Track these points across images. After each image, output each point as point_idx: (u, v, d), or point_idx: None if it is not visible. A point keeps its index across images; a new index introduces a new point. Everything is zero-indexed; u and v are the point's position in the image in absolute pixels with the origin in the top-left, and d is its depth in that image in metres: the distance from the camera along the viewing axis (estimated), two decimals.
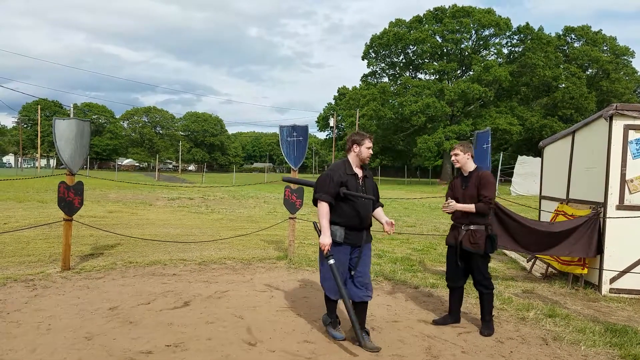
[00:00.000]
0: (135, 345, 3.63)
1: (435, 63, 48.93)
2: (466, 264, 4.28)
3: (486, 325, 4.20)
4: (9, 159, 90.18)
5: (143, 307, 4.59)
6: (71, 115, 50.18)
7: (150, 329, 4.01)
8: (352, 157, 3.90)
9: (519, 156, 29.69)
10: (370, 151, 3.91)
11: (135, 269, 6.25)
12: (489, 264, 4.36)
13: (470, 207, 4.13)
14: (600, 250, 5.65)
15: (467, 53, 48.47)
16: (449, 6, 48.73)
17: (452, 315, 4.35)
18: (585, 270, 5.81)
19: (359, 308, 3.81)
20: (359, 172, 3.90)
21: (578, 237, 5.70)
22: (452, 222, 4.38)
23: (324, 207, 3.73)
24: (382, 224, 3.94)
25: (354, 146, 3.87)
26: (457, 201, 4.23)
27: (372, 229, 4.04)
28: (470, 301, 5.11)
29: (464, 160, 4.25)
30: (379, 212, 4.07)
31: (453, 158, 4.30)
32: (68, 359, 3.34)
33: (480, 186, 4.14)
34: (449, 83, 47.26)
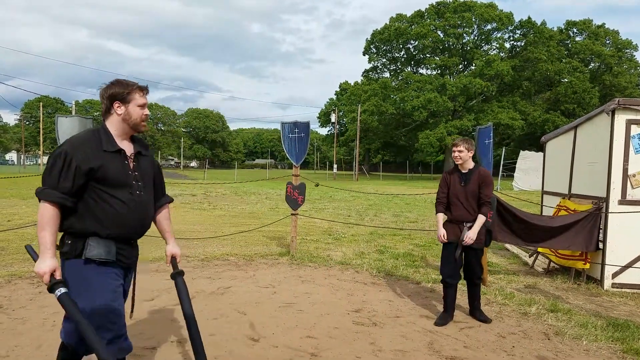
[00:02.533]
0: (139, 342, 3.65)
1: (436, 58, 48.82)
2: (465, 256, 4.33)
3: (481, 312, 4.40)
4: (12, 156, 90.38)
5: (146, 304, 4.62)
6: (73, 112, 50.23)
7: (153, 325, 4.04)
8: (113, 123, 2.37)
9: (521, 151, 29.63)
10: (146, 111, 2.43)
11: (138, 266, 6.27)
12: (493, 260, 4.38)
13: (481, 220, 4.18)
14: (598, 245, 5.66)
15: (468, 47, 48.32)
16: (451, 0, 48.53)
17: (450, 313, 4.36)
18: (587, 265, 5.82)
19: None
20: (128, 148, 2.41)
21: (578, 231, 5.71)
22: (448, 218, 4.39)
23: (46, 211, 2.19)
24: (166, 248, 2.76)
25: (116, 105, 2.36)
26: (458, 198, 4.24)
27: (377, 223, 4.02)
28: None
29: (467, 157, 4.25)
30: (163, 217, 2.68)
31: (456, 154, 4.25)
32: None
33: (483, 185, 4.18)
34: (450, 78, 47.12)
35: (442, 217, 4.42)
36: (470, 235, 4.13)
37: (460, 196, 4.23)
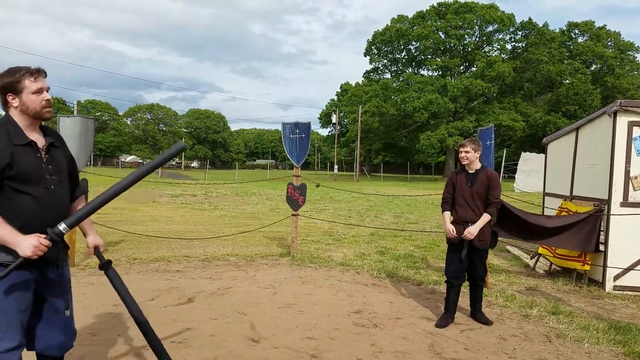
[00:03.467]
0: (139, 341, 3.64)
1: (438, 59, 48.83)
2: (469, 257, 4.32)
3: (482, 314, 4.39)
4: None
5: (147, 304, 4.61)
6: (75, 113, 50.28)
7: (154, 325, 4.01)
8: (15, 115, 2.20)
9: (522, 152, 29.59)
10: (46, 96, 2.22)
11: (139, 266, 6.28)
12: (494, 262, 4.38)
13: (486, 219, 4.18)
14: (598, 246, 5.65)
15: (470, 49, 48.32)
16: (452, 2, 48.55)
17: (451, 314, 4.35)
18: (587, 267, 5.81)
19: None
20: (39, 139, 2.26)
21: (577, 231, 5.71)
22: (454, 218, 4.39)
23: None
24: (87, 240, 2.55)
25: (9, 97, 2.17)
26: (464, 198, 4.23)
27: (378, 224, 4.01)
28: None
29: (474, 158, 4.25)
30: (80, 209, 2.28)
31: (463, 154, 4.26)
32: (74, 354, 3.35)
33: (491, 186, 4.19)
34: (451, 79, 47.12)
35: (448, 215, 4.41)
36: (472, 230, 4.11)
37: (466, 196, 4.23)
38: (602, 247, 5.67)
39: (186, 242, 8.09)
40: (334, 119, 54.01)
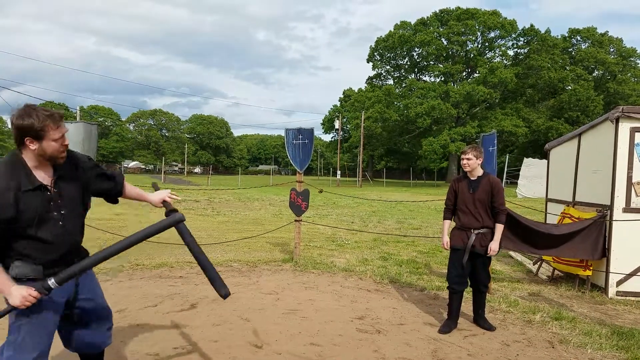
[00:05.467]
0: (142, 348, 3.66)
1: (440, 65, 48.95)
2: (471, 263, 4.33)
3: (485, 320, 4.40)
4: None
5: (150, 310, 4.63)
6: (78, 118, 50.49)
7: (157, 331, 4.05)
8: (28, 156, 2.17)
9: (525, 158, 29.58)
10: (65, 141, 2.22)
11: (142, 272, 6.30)
12: (497, 268, 4.38)
13: (500, 229, 4.22)
14: (605, 253, 5.65)
15: (472, 55, 48.45)
16: (454, 8, 48.73)
17: (454, 320, 4.35)
18: (588, 272, 5.80)
19: None
20: (47, 178, 2.22)
21: (583, 239, 5.69)
22: (456, 225, 4.40)
23: None
24: (153, 200, 2.68)
25: (27, 140, 2.12)
26: (466, 205, 4.26)
27: (381, 230, 4.02)
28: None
29: (475, 165, 4.27)
30: (130, 191, 2.67)
31: (465, 162, 4.28)
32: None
33: (494, 193, 4.20)
34: (454, 85, 47.22)
35: (448, 224, 4.46)
36: (493, 248, 4.17)
37: (468, 203, 4.25)
38: (605, 253, 5.67)
39: None
40: (336, 124, 54.20)
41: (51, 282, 2.13)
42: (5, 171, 2.11)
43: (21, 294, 2.08)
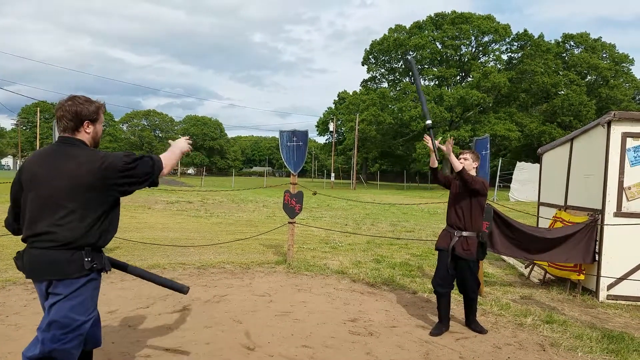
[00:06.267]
0: (134, 349, 3.64)
1: (434, 69, 49.18)
2: (456, 269, 4.35)
3: (477, 323, 4.42)
4: (8, 161, 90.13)
5: (142, 311, 4.60)
6: None
7: (149, 333, 4.02)
8: (85, 140, 2.44)
9: (517, 162, 29.75)
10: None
11: None
12: (489, 271, 4.40)
13: (455, 160, 4.20)
14: (595, 257, 5.69)
15: (466, 59, 48.75)
16: (449, 12, 48.99)
17: (445, 323, 4.36)
18: (582, 277, 5.84)
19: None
20: None
21: (575, 243, 5.73)
22: (446, 226, 4.43)
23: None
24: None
25: (86, 124, 2.42)
26: (453, 202, 4.34)
27: (374, 233, 4.03)
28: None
29: (470, 167, 4.32)
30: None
31: (461, 160, 4.34)
32: None
33: (474, 181, 4.21)
34: (448, 89, 47.47)
35: None
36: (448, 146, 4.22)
37: (453, 200, 4.33)
38: (596, 257, 5.71)
39: (182, 249, 8.08)
40: (331, 127, 54.19)
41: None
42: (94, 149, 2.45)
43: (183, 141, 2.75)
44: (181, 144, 2.77)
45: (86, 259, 2.29)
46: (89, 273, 2.32)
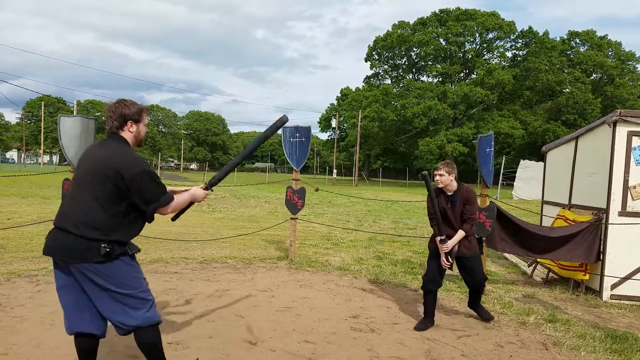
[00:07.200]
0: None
1: (438, 65, 48.98)
2: (463, 268, 4.42)
3: (482, 308, 4.55)
4: (12, 154, 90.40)
5: None
6: (74, 112, 50.29)
7: None
8: (129, 139, 2.70)
9: (521, 160, 29.66)
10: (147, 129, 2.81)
11: None
12: (492, 269, 4.41)
13: (460, 235, 4.25)
14: (599, 256, 5.67)
15: (470, 56, 48.48)
16: (453, 9, 48.74)
17: (429, 318, 4.39)
18: (587, 276, 5.82)
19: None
20: None
21: (579, 242, 5.71)
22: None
23: (171, 203, 2.74)
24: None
25: (129, 124, 2.66)
26: (447, 218, 4.31)
27: (376, 229, 4.03)
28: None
29: (448, 181, 4.29)
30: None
31: (437, 178, 4.29)
32: (71, 354, 3.35)
33: (467, 203, 4.25)
34: (451, 86, 47.26)
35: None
36: (448, 244, 4.21)
37: (450, 216, 4.32)
38: (600, 256, 5.68)
39: (184, 244, 8.09)
40: (333, 123, 54.06)
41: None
42: (132, 151, 2.64)
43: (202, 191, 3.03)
44: (198, 194, 2.97)
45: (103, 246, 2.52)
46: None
